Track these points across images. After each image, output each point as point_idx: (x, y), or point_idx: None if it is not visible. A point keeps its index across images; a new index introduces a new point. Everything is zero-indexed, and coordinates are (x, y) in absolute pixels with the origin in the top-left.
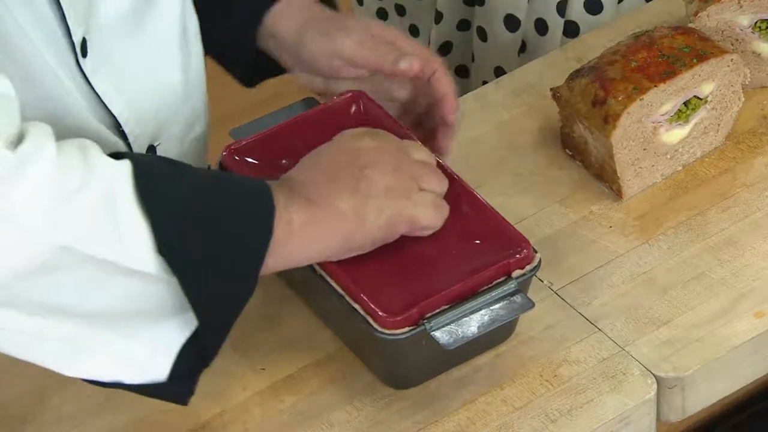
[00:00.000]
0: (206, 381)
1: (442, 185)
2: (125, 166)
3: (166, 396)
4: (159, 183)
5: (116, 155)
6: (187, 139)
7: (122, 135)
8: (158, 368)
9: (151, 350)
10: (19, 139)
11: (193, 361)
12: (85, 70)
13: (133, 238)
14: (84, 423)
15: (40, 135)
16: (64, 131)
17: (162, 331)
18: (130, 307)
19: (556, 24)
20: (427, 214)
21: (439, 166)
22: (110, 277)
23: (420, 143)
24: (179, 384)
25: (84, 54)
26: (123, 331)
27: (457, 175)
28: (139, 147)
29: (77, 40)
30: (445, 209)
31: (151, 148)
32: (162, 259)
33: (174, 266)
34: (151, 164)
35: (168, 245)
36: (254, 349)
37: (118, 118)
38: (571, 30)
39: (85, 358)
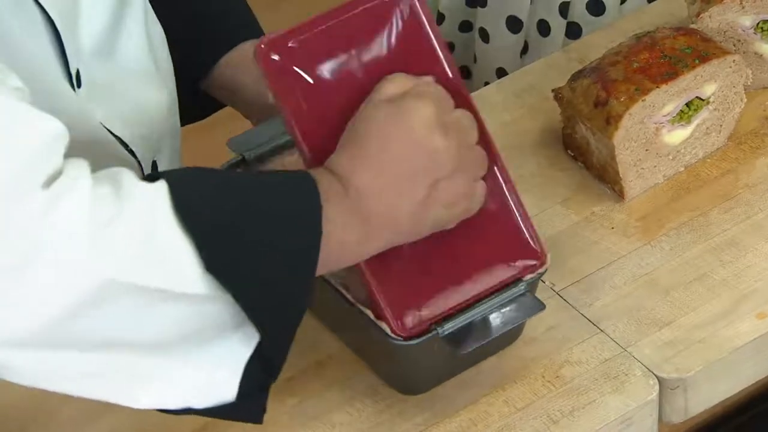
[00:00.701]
0: None
1: (486, 167)
2: (161, 187)
3: (239, 416)
4: (197, 199)
5: (151, 177)
6: (178, 150)
7: (132, 153)
8: (224, 388)
9: (212, 371)
10: (55, 178)
11: (260, 376)
12: (82, 101)
13: (177, 260)
14: (85, 426)
15: (75, 169)
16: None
17: (222, 349)
18: (185, 330)
19: (558, 25)
20: (475, 206)
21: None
22: (160, 303)
23: (463, 91)
24: (250, 402)
25: (79, 84)
26: (181, 355)
27: (492, 145)
28: (146, 163)
29: (73, 72)
30: (484, 192)
31: (155, 164)
32: (211, 278)
33: (224, 282)
34: (187, 180)
35: (215, 262)
36: None
37: (123, 140)
38: (574, 31)
39: (147, 388)
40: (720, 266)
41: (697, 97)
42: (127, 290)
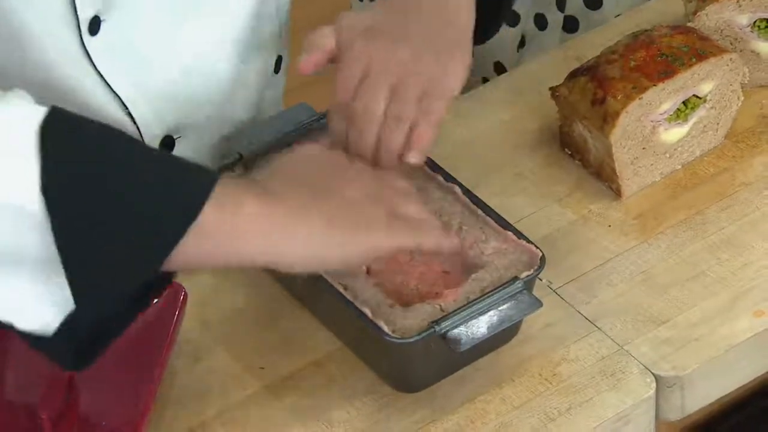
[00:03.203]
0: (205, 380)
1: (419, 211)
2: (41, 108)
3: (50, 352)
4: (72, 129)
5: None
6: (216, 137)
7: (133, 118)
8: (45, 318)
9: (37, 295)
10: None
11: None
12: (89, 49)
13: (18, 170)
14: None
15: None
16: (70, 107)
17: (53, 284)
18: (13, 246)
19: (555, 19)
20: (402, 239)
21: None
22: None
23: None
24: (66, 344)
25: (93, 32)
26: (9, 267)
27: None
28: (151, 135)
29: (84, 17)
30: (432, 231)
31: (169, 140)
32: (43, 199)
33: (51, 206)
34: (76, 117)
35: (53, 187)
36: (253, 348)
37: (124, 101)
38: (571, 25)
39: None
40: (717, 264)
41: (694, 95)
42: None
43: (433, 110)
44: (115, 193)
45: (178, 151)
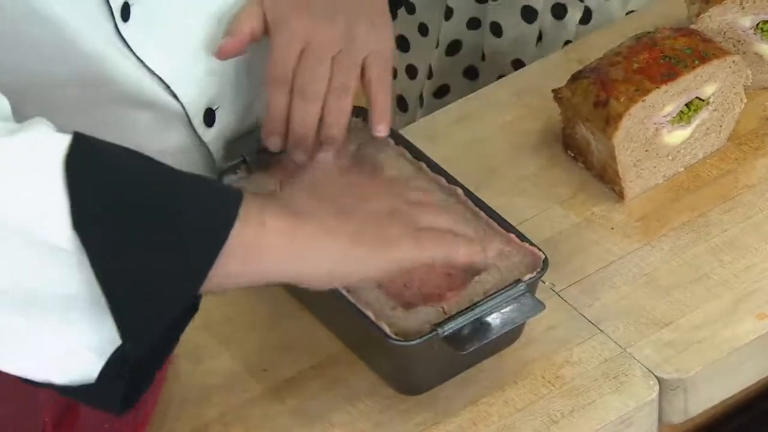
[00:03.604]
0: (207, 382)
1: (449, 222)
2: (64, 137)
3: (96, 401)
4: (97, 159)
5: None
6: (254, 107)
7: (176, 96)
8: (85, 367)
9: (74, 344)
10: None
11: (125, 367)
12: (125, 35)
13: (46, 207)
14: None
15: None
16: (113, 95)
17: (88, 325)
18: (45, 286)
19: (575, 9)
20: (430, 251)
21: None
22: (20, 246)
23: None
24: (110, 389)
25: (125, 18)
26: (39, 315)
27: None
28: (195, 109)
29: (116, 6)
30: (462, 243)
31: (210, 112)
32: (77, 236)
33: (87, 245)
34: (99, 144)
35: (84, 221)
36: (255, 350)
37: (165, 81)
38: (585, 17)
39: (6, 346)
40: (720, 267)
41: (697, 97)
42: None
43: (383, 76)
44: (145, 221)
45: (219, 122)
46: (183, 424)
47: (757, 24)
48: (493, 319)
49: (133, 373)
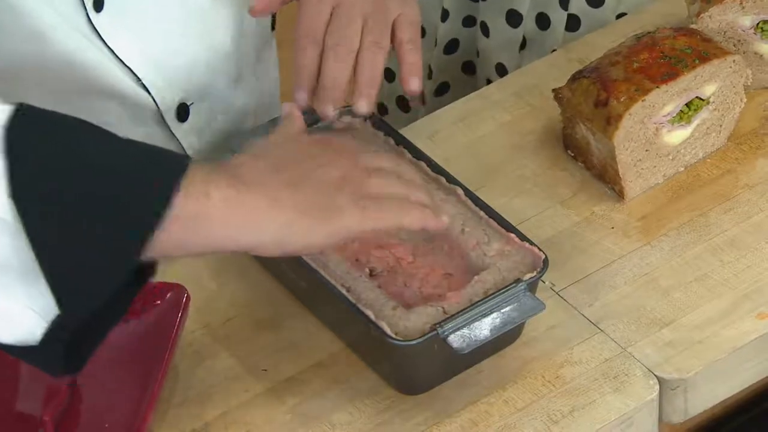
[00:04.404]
0: (208, 382)
1: (405, 189)
2: (8, 106)
3: (37, 362)
4: (39, 128)
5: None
6: (234, 103)
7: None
8: (29, 328)
9: (19, 306)
10: None
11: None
12: (97, 26)
13: None
14: None
15: None
16: (82, 86)
17: (33, 289)
18: None
19: (558, 18)
20: (376, 221)
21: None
22: None
23: (389, 155)
24: (53, 352)
25: (98, 9)
26: None
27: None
28: (168, 104)
29: None
30: (414, 210)
31: (183, 107)
32: (13, 204)
33: (22, 210)
34: (44, 114)
35: (22, 190)
36: (256, 350)
37: (137, 74)
38: (573, 24)
39: None
40: (720, 266)
41: (697, 97)
42: None
43: (414, 38)
44: (85, 190)
45: (192, 118)
46: (184, 424)
47: (758, 24)
48: (493, 318)
49: (78, 337)
